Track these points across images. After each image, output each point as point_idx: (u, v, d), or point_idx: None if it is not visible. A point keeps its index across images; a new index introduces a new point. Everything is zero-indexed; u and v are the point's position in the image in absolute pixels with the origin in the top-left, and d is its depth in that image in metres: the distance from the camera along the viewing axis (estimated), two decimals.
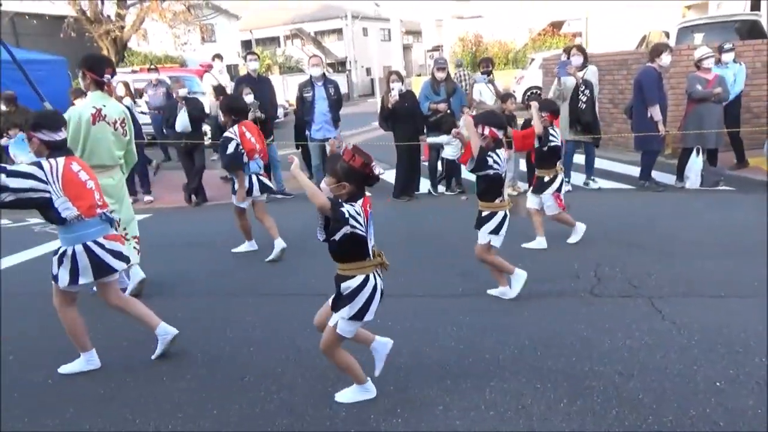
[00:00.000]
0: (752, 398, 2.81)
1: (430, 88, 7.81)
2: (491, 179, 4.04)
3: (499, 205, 4.08)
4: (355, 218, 2.64)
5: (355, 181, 2.72)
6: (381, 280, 2.86)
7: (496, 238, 4.09)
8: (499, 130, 4.01)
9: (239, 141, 5.28)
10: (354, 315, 2.80)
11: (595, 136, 7.48)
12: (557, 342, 3.51)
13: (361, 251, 2.76)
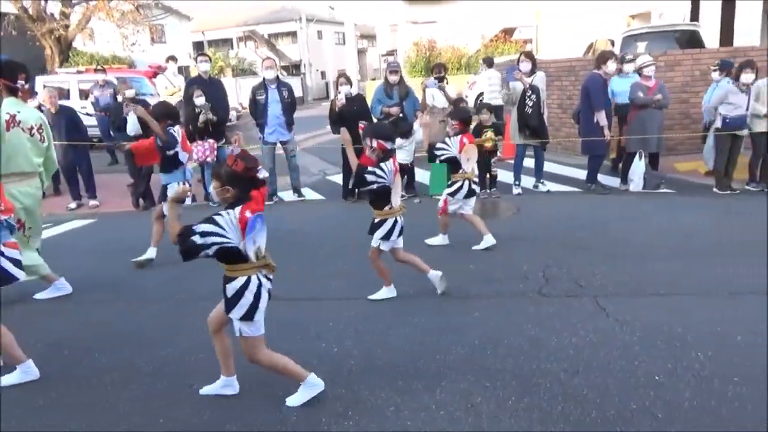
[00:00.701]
0: (689, 391, 2.94)
1: (383, 91, 7.86)
2: (376, 191, 4.13)
3: (390, 212, 4.16)
4: (217, 233, 2.71)
5: (239, 186, 2.81)
6: (267, 281, 2.93)
7: (386, 243, 4.21)
8: (387, 142, 4.05)
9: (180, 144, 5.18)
10: (244, 315, 2.85)
11: (542, 140, 7.67)
12: (506, 341, 3.58)
13: (239, 256, 2.79)
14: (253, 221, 2.76)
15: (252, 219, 2.76)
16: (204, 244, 2.70)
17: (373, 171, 4.01)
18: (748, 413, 2.73)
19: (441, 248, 5.58)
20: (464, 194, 5.37)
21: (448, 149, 5.29)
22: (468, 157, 5.31)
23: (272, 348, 3.65)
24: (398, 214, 4.21)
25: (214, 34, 38.13)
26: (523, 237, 5.80)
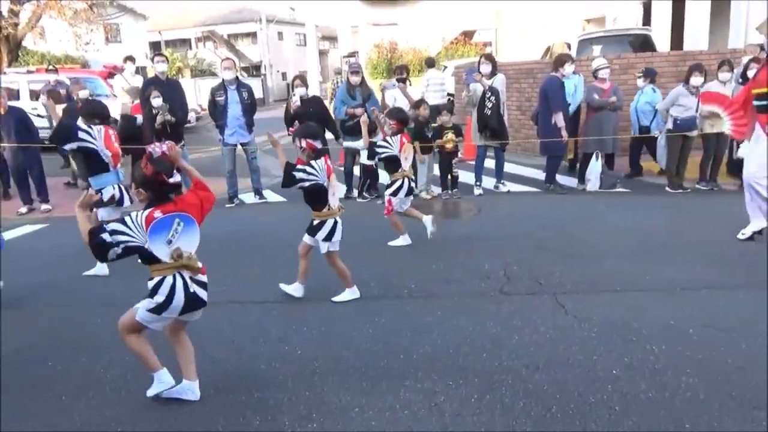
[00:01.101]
0: (644, 383, 3.03)
1: (345, 92, 7.86)
2: (309, 191, 4.16)
3: (328, 213, 4.20)
4: (124, 232, 2.77)
5: (150, 189, 2.88)
6: (193, 282, 2.95)
7: (330, 244, 4.24)
8: (316, 141, 4.09)
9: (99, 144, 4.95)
10: (153, 308, 2.91)
11: (502, 142, 7.80)
12: (468, 340, 3.62)
13: (151, 257, 2.83)
14: (162, 221, 2.79)
15: (161, 219, 2.79)
16: (112, 242, 2.75)
17: (303, 169, 4.03)
18: (700, 403, 2.84)
19: (404, 249, 5.61)
20: (405, 192, 5.47)
21: (389, 148, 5.39)
22: (406, 156, 5.44)
23: (236, 352, 3.62)
24: (337, 215, 4.23)
25: (172, 34, 37.38)
26: (484, 237, 5.88)
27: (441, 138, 7.57)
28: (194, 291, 2.96)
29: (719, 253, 5.03)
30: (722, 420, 2.69)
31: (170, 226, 2.82)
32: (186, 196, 3.01)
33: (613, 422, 2.72)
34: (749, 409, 2.77)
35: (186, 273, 2.92)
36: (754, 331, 3.53)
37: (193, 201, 2.98)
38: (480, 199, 7.66)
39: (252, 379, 3.28)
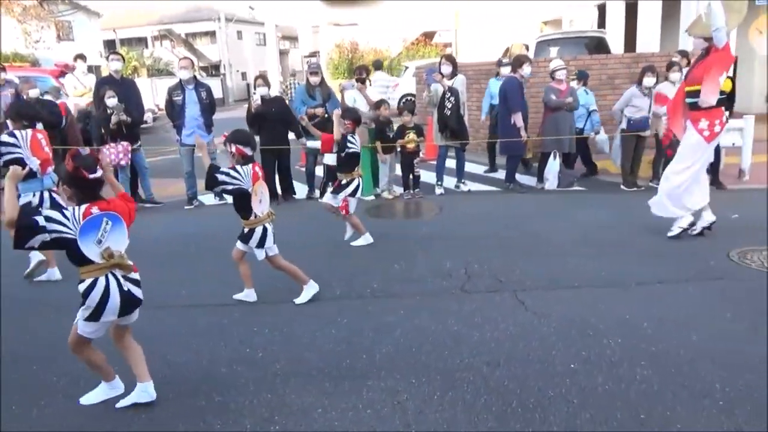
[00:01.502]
0: (601, 376, 3.11)
1: (305, 93, 7.82)
2: (236, 197, 4.14)
3: (256, 221, 4.15)
4: (61, 222, 2.69)
5: (74, 185, 2.82)
6: (120, 280, 2.87)
7: (266, 249, 4.20)
8: (246, 147, 4.09)
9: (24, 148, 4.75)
10: (89, 316, 2.85)
11: (463, 142, 7.88)
12: (430, 338, 3.64)
13: (81, 256, 2.77)
14: (91, 220, 2.73)
15: (91, 218, 2.73)
16: (44, 227, 2.65)
17: (227, 172, 3.98)
18: (654, 394, 2.92)
19: (365, 248, 5.60)
20: (359, 193, 5.54)
21: (355, 145, 5.43)
22: None
23: (196, 356, 3.55)
24: (266, 221, 4.19)
25: (127, 32, 36.47)
26: (445, 236, 5.92)
27: (402, 138, 7.61)
28: (128, 289, 2.90)
29: (671, 249, 5.20)
30: (675, 410, 2.78)
31: (99, 225, 2.74)
32: (116, 199, 2.96)
33: (571, 415, 2.78)
34: (700, 398, 2.87)
35: (118, 272, 2.86)
36: (704, 324, 3.66)
37: (122, 206, 2.92)
38: (441, 198, 7.72)
39: (212, 382, 3.23)
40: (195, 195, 7.84)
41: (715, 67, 5.00)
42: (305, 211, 7.50)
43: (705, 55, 5.16)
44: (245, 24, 39.45)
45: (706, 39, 5.10)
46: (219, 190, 4.17)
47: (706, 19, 5.01)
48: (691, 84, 5.23)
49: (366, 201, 7.67)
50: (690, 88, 5.24)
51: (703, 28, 5.12)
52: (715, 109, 5.16)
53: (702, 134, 5.18)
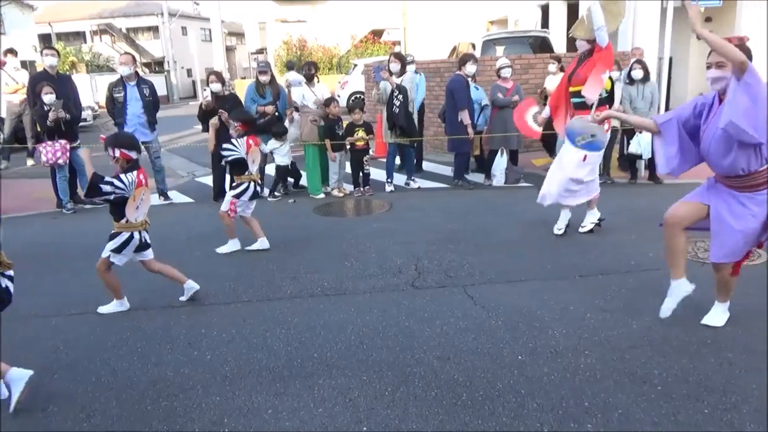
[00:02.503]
0: (547, 366, 3.19)
1: (255, 91, 7.71)
2: (114, 203, 3.91)
3: (126, 226, 3.95)
4: None
5: None
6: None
7: (118, 257, 4.00)
8: (131, 151, 3.93)
9: None
10: None
11: (412, 139, 7.94)
12: (382, 334, 3.66)
13: None
14: None
15: None
16: None
17: (111, 181, 3.77)
18: (597, 381, 3.03)
19: (317, 247, 5.57)
20: (249, 196, 5.38)
21: (235, 150, 5.26)
22: (254, 158, 5.35)
23: (141, 361, 3.45)
24: (137, 229, 3.98)
25: (64, 26, 35.07)
26: (395, 233, 5.96)
27: (352, 136, 7.60)
28: (6, 286, 2.83)
29: (613, 241, 5.40)
30: (616, 396, 2.89)
31: None
32: None
33: (519, 405, 2.85)
34: (640, 384, 2.99)
35: None
36: (643, 312, 3.81)
37: None
38: (391, 195, 7.76)
39: (158, 387, 3.15)
40: None
41: (598, 65, 5.13)
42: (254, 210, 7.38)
43: (588, 55, 5.28)
44: (190, 19, 38.52)
45: (588, 41, 5.24)
46: (101, 200, 3.97)
47: (588, 21, 5.15)
48: (576, 84, 5.34)
49: (315, 199, 7.64)
50: (575, 89, 5.36)
51: (585, 30, 5.25)
52: (599, 107, 5.32)
53: None
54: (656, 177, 7.73)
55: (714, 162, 3.27)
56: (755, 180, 3.15)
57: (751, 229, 3.21)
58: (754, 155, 3.09)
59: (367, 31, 24.28)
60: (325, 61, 21.30)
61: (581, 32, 5.37)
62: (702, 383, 2.96)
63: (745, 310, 3.75)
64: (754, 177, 3.14)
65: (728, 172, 3.21)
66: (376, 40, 24.16)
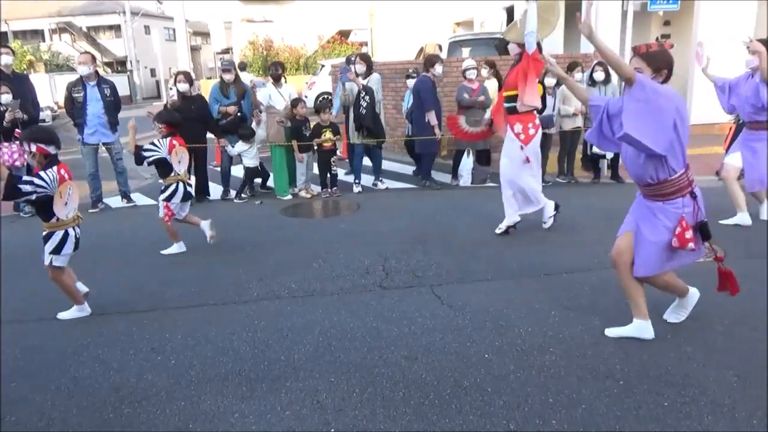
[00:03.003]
0: (513, 364, 3.23)
1: (218, 91, 7.62)
2: (39, 202, 3.76)
3: (58, 224, 3.82)
4: None
5: None
6: None
7: (58, 257, 3.87)
8: (49, 146, 3.73)
9: None
10: None
11: (379, 140, 7.95)
12: (349, 335, 3.65)
13: None
14: None
15: None
16: None
17: (30, 180, 3.63)
18: (561, 378, 3.08)
19: (283, 248, 5.53)
20: (180, 197, 5.33)
21: (157, 150, 5.20)
22: (179, 159, 5.30)
23: (102, 368, 3.37)
24: (70, 225, 3.87)
25: (21, 24, 34.06)
26: (363, 233, 5.96)
27: (319, 136, 7.57)
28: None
29: (577, 240, 5.50)
30: (580, 392, 2.94)
31: None
32: None
33: (486, 403, 2.88)
34: (603, 379, 3.05)
35: None
36: (606, 309, 3.89)
37: None
38: (359, 196, 7.75)
39: (121, 393, 3.08)
40: (100, 198, 7.45)
41: (530, 72, 5.19)
42: (220, 212, 7.30)
43: (519, 60, 5.33)
44: (153, 18, 37.86)
45: (519, 45, 5.27)
46: (22, 200, 3.86)
47: (521, 25, 5.20)
48: (507, 89, 5.43)
49: (283, 200, 7.58)
50: (506, 93, 5.44)
51: (517, 33, 5.30)
52: (528, 113, 5.41)
53: (519, 138, 5.42)
54: (618, 176, 7.91)
55: (628, 167, 3.29)
56: (665, 189, 3.13)
57: (667, 241, 3.17)
58: (660, 165, 3.07)
59: (334, 31, 24.22)
60: (292, 62, 21.15)
61: (513, 35, 5.39)
62: (662, 377, 3.04)
63: (704, 305, 3.87)
64: (664, 186, 3.12)
65: (639, 179, 3.23)
66: (344, 40, 24.13)
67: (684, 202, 3.12)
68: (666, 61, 3.07)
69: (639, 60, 3.08)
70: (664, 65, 3.06)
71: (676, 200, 3.12)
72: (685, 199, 3.12)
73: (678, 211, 3.12)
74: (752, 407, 2.76)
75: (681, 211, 3.12)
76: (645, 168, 3.13)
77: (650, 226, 3.22)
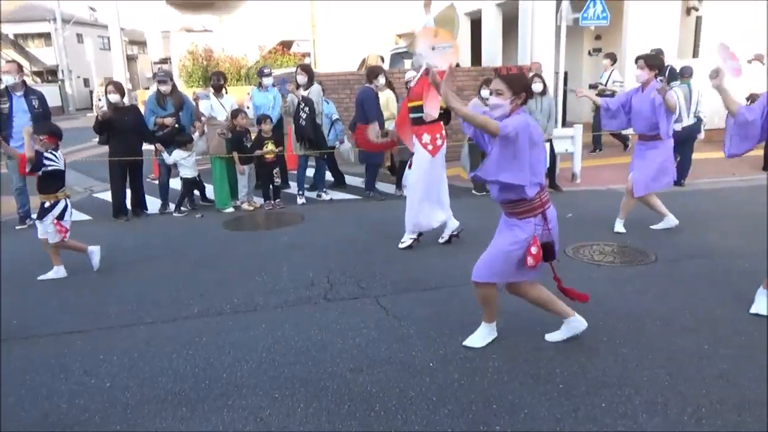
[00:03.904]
0: (457, 372, 3.27)
1: (155, 102, 7.40)
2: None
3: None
4: None
5: None
6: None
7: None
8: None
9: None
10: None
11: (322, 151, 7.92)
12: (294, 350, 3.60)
13: None
14: None
15: None
16: None
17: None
18: (504, 383, 3.13)
19: (226, 262, 5.41)
20: (71, 214, 5.16)
21: (56, 162, 4.99)
22: None
23: (30, 393, 3.19)
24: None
25: None
26: (308, 245, 5.90)
27: (261, 148, 7.47)
28: None
29: None
30: (522, 396, 3.00)
31: None
32: None
33: (431, 412, 2.89)
34: (544, 383, 3.12)
35: None
36: (546, 314, 3.98)
37: None
38: (303, 208, 7.69)
39: (51, 420, 2.92)
40: (28, 213, 7.08)
41: None
42: (158, 226, 7.08)
43: None
44: (86, 26, 36.54)
45: None
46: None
47: None
48: (412, 100, 5.51)
49: (224, 213, 7.43)
50: (411, 104, 5.49)
51: None
52: (435, 123, 5.50)
53: (426, 149, 5.48)
54: (556, 185, 8.16)
55: (490, 188, 3.40)
56: (520, 208, 3.26)
57: (512, 252, 3.28)
58: (514, 190, 3.22)
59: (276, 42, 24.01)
60: (233, 72, 20.78)
61: None
62: (599, 379, 3.14)
63: (637, 308, 4.03)
64: (519, 205, 3.26)
65: (498, 198, 3.36)
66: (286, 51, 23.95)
67: (536, 222, 3.25)
68: (524, 84, 3.23)
69: (500, 82, 3.19)
70: (523, 88, 3.20)
71: (530, 219, 3.25)
72: (536, 219, 3.25)
73: (531, 229, 3.25)
74: (683, 404, 2.89)
75: (533, 229, 3.25)
76: (506, 191, 3.26)
77: (503, 237, 3.36)
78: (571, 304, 3.61)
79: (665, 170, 5.85)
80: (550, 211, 3.31)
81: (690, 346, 3.49)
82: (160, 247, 6.05)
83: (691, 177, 8.39)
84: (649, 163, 5.77)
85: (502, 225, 3.44)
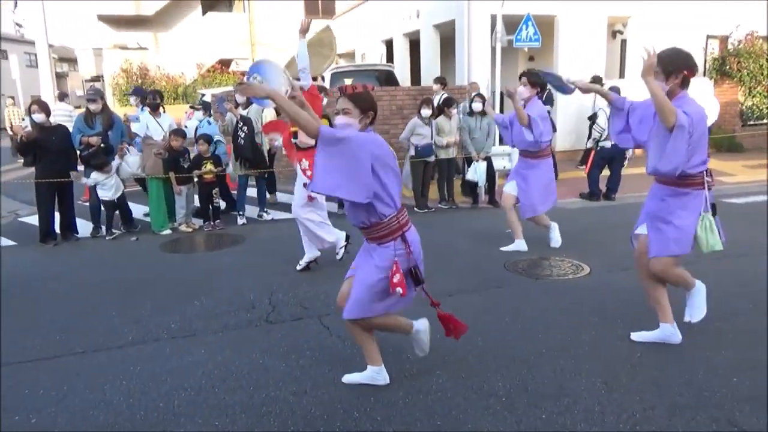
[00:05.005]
0: (402, 390, 3.26)
1: (83, 121, 7.13)
2: None
3: None
4: None
5: None
6: None
7: None
8: None
9: None
10: None
11: (262, 170, 7.83)
12: (234, 375, 3.50)
13: None
14: None
15: None
16: None
17: None
18: (448, 399, 3.15)
19: (163, 287, 5.23)
20: None
21: None
22: None
23: None
24: None
25: None
26: (248, 266, 5.79)
27: (199, 168, 7.31)
28: None
29: (459, 262, 5.70)
30: (466, 412, 3.02)
31: None
32: None
33: (376, 431, 2.87)
34: (486, 397, 3.16)
35: None
36: (488, 328, 4.05)
37: None
38: (244, 228, 7.55)
39: None
40: None
41: None
42: (89, 250, 6.78)
43: None
44: (11, 42, 34.91)
45: (298, 79, 5.27)
46: None
47: (297, 60, 5.29)
48: (293, 125, 5.36)
49: (161, 235, 7.20)
50: (294, 129, 5.41)
51: (295, 69, 5.37)
52: (312, 149, 5.53)
53: (305, 174, 5.35)
54: (495, 201, 8.36)
55: (346, 209, 3.25)
56: (378, 232, 3.07)
57: (376, 281, 3.09)
58: (369, 209, 3.01)
59: (214, 60, 23.66)
60: (170, 91, 20.31)
61: (293, 71, 5.39)
62: (539, 390, 3.21)
63: (572, 319, 4.15)
64: (376, 229, 3.07)
65: (355, 222, 3.15)
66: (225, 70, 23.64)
67: (396, 246, 3.07)
68: (370, 102, 3.13)
69: (346, 101, 3.10)
70: (369, 107, 3.12)
71: (389, 243, 3.07)
72: (396, 243, 3.07)
73: (391, 254, 3.07)
74: (619, 411, 2.98)
75: (393, 254, 3.06)
76: (356, 212, 3.07)
77: (365, 267, 3.17)
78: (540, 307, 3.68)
79: (550, 190, 6.05)
80: (410, 233, 3.13)
81: (624, 354, 3.62)
82: (92, 273, 5.78)
83: (621, 192, 8.77)
84: (532, 185, 5.90)
85: (361, 254, 3.27)
